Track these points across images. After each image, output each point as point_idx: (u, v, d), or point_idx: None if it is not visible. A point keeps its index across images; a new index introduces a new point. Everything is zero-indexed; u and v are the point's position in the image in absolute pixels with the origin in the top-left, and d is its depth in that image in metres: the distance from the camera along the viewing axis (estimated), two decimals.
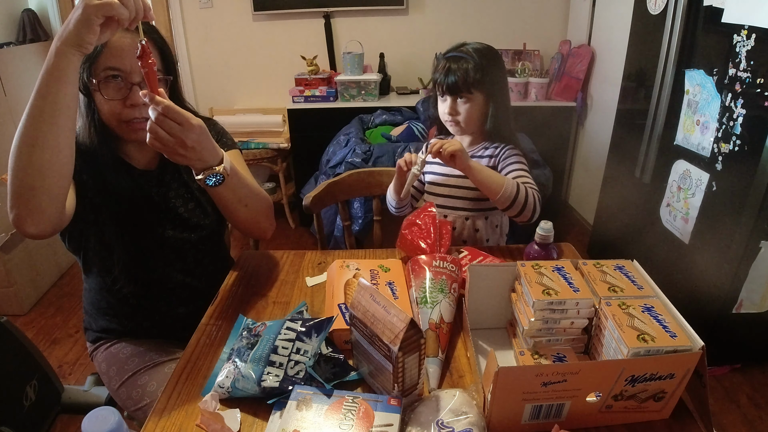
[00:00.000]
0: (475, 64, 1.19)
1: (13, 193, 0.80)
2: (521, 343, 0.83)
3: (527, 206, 1.14)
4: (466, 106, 1.23)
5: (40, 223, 0.82)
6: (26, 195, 0.80)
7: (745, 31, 1.44)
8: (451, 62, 1.21)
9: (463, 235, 1.33)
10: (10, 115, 2.36)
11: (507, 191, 1.12)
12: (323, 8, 3.02)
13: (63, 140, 0.80)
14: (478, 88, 1.21)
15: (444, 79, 1.22)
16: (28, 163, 0.78)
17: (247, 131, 3.05)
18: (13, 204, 0.81)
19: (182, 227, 1.10)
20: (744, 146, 1.48)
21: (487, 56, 1.22)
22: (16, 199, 0.80)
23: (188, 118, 0.82)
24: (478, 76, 1.19)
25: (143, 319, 1.13)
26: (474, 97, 1.23)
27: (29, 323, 2.22)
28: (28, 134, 0.77)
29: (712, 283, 1.65)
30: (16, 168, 0.79)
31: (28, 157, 0.78)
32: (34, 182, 0.79)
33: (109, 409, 0.58)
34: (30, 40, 2.79)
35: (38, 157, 0.78)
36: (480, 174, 1.12)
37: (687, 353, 0.67)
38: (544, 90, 2.87)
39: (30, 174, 0.78)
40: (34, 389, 1.43)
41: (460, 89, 1.21)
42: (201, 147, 0.85)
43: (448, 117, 1.26)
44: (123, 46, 0.92)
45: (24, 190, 0.79)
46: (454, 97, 1.23)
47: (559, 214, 3.09)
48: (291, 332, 0.81)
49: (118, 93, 0.94)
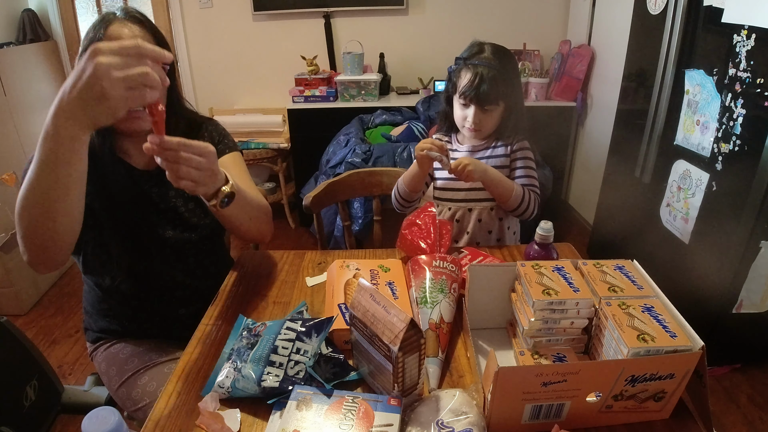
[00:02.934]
0: (502, 73, 1.21)
1: (25, 246, 0.81)
2: (521, 343, 0.83)
3: (528, 209, 1.28)
4: (491, 114, 1.26)
5: (52, 266, 0.86)
6: (38, 251, 0.81)
7: (745, 31, 1.44)
8: (480, 71, 1.21)
9: (489, 225, 1.36)
10: (10, 115, 2.36)
11: (514, 197, 1.25)
12: (323, 8, 3.02)
13: (76, 207, 0.78)
14: (504, 98, 1.24)
15: (475, 91, 1.21)
16: (40, 228, 0.77)
17: (247, 131, 3.05)
18: (25, 250, 0.82)
19: (183, 227, 1.10)
20: (744, 146, 1.48)
21: (509, 62, 1.25)
22: (28, 251, 0.82)
23: (205, 146, 0.77)
24: (506, 87, 1.23)
25: (144, 320, 1.13)
26: (499, 107, 1.26)
27: (29, 323, 2.22)
28: (37, 204, 0.74)
29: (712, 283, 1.65)
30: (27, 229, 0.78)
31: (40, 223, 0.76)
32: (45, 243, 0.80)
33: (109, 409, 0.58)
34: (30, 40, 2.79)
35: (50, 226, 0.77)
36: (492, 183, 1.23)
37: (687, 353, 0.67)
38: (544, 90, 2.87)
39: (41, 236, 0.79)
40: (34, 389, 1.43)
41: (490, 101, 1.23)
42: (218, 170, 0.83)
43: (471, 125, 1.27)
44: (121, 36, 0.92)
45: (35, 247, 0.81)
46: (481, 107, 1.24)
47: (559, 214, 3.09)
48: (291, 332, 0.81)
49: None
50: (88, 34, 0.94)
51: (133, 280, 1.09)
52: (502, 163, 1.31)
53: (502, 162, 1.31)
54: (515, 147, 1.32)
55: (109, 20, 0.94)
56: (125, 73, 0.63)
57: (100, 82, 0.62)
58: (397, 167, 1.57)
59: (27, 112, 2.49)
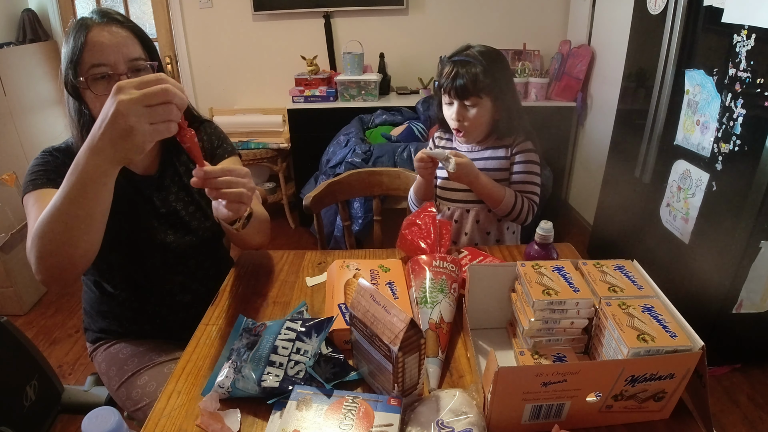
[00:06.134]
0: (483, 68, 1.19)
1: (39, 266, 0.80)
2: (521, 343, 0.83)
3: (520, 216, 1.28)
4: (474, 110, 1.24)
5: (65, 285, 0.87)
6: (54, 272, 0.81)
7: (745, 31, 1.44)
8: (459, 66, 1.21)
9: (487, 226, 1.36)
10: (10, 115, 2.36)
11: (504, 205, 1.25)
12: (323, 8, 3.02)
13: (98, 234, 0.79)
14: (486, 92, 1.21)
15: (451, 84, 1.21)
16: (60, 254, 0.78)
17: (247, 131, 3.05)
18: (38, 270, 0.81)
19: (184, 231, 1.10)
20: (744, 146, 1.48)
21: (494, 59, 1.23)
22: (42, 271, 0.81)
23: (241, 167, 0.82)
24: (487, 80, 1.19)
25: (143, 321, 1.13)
26: (482, 102, 1.23)
27: (29, 323, 2.22)
28: (60, 232, 0.75)
29: (712, 283, 1.65)
30: (45, 252, 0.78)
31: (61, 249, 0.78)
32: (63, 266, 0.80)
33: (109, 409, 0.58)
34: (30, 40, 2.79)
35: (71, 252, 0.78)
36: (481, 190, 1.24)
37: (687, 353, 0.67)
38: (544, 90, 2.87)
39: (59, 260, 0.79)
40: (34, 389, 1.43)
41: (469, 93, 1.21)
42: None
43: (455, 122, 1.26)
44: (103, 40, 0.89)
45: (52, 268, 0.81)
46: (461, 102, 1.23)
47: (559, 214, 3.09)
48: (291, 332, 0.81)
49: (108, 87, 0.90)
50: (68, 42, 0.91)
51: (133, 285, 1.09)
52: (501, 165, 1.31)
53: (502, 164, 1.30)
54: (516, 150, 1.30)
55: (88, 26, 0.90)
56: (147, 109, 0.65)
57: (124, 119, 0.65)
58: (397, 167, 1.57)
59: (27, 112, 2.49)
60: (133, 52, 0.93)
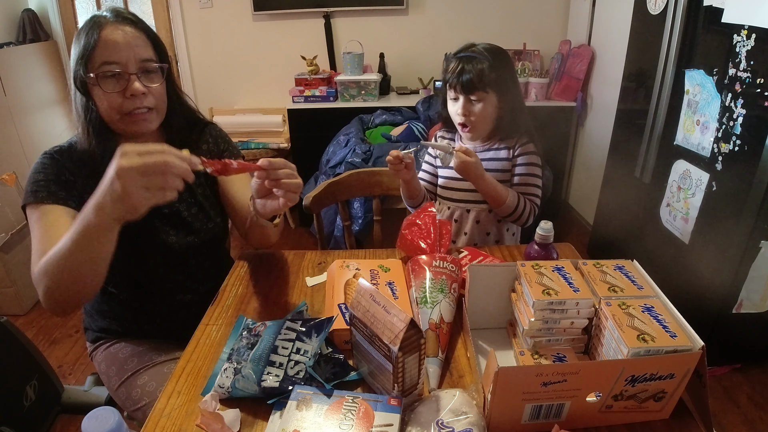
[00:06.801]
0: (489, 63, 1.20)
1: (46, 297, 0.83)
2: (521, 343, 0.83)
3: (521, 218, 1.29)
4: (480, 105, 1.24)
5: (71, 312, 0.90)
6: (60, 302, 0.84)
7: (745, 31, 1.44)
8: (465, 62, 1.22)
9: (487, 226, 1.36)
10: (10, 115, 2.37)
11: (506, 206, 1.25)
12: (323, 8, 3.02)
13: (103, 270, 0.82)
14: (492, 87, 1.22)
15: (457, 79, 1.22)
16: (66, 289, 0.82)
17: (247, 131, 3.05)
18: (45, 300, 0.84)
19: (186, 231, 1.10)
20: (744, 146, 1.48)
21: (499, 56, 1.24)
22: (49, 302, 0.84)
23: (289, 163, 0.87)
24: (492, 75, 1.20)
25: (144, 321, 1.13)
26: (488, 97, 1.24)
27: (29, 323, 2.22)
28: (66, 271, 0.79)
29: (712, 283, 1.65)
30: (51, 287, 0.81)
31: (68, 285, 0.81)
32: (70, 298, 0.84)
33: (109, 409, 0.58)
34: (30, 40, 2.79)
35: (77, 288, 0.83)
36: (485, 189, 1.24)
37: (687, 353, 0.67)
38: (544, 90, 2.87)
39: (66, 294, 0.83)
40: (34, 389, 1.43)
41: (475, 88, 1.21)
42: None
43: (460, 117, 1.26)
44: (117, 39, 0.91)
45: (59, 300, 0.84)
46: (467, 97, 1.24)
47: (559, 214, 3.09)
48: (291, 332, 0.81)
49: (117, 85, 0.93)
50: (79, 39, 0.92)
51: (133, 285, 1.09)
52: (503, 167, 1.31)
53: (503, 165, 1.31)
54: (518, 151, 1.30)
55: (102, 24, 0.91)
56: (144, 177, 0.67)
57: (121, 182, 0.67)
58: None
59: (27, 112, 2.49)
60: (144, 53, 0.94)
